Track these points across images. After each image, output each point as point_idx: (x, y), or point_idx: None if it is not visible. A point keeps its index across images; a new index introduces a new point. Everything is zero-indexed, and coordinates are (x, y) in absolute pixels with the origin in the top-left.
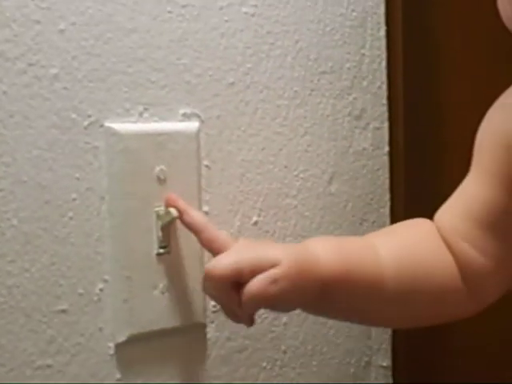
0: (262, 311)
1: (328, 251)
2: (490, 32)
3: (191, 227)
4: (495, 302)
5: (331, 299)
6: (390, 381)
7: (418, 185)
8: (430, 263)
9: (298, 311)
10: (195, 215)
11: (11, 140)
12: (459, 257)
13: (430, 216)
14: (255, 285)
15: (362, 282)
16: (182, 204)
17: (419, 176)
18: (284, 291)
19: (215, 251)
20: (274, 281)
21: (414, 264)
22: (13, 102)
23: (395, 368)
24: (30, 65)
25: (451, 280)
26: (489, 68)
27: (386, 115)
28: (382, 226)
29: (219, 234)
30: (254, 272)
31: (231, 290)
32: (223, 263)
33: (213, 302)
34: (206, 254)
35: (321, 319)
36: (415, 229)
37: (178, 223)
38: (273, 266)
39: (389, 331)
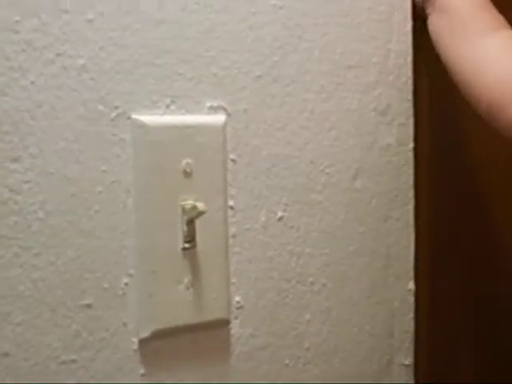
0: (285, 308)
1: None
2: None
3: None
4: None
5: None
6: (412, 379)
7: (442, 181)
8: None
9: (320, 308)
10: None
11: (38, 131)
12: None
13: (454, 213)
14: None
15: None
16: None
17: (443, 172)
18: None
19: None
20: None
21: None
22: (40, 92)
23: (417, 367)
24: (58, 55)
25: None
26: None
27: (411, 111)
28: (406, 222)
29: None
30: None
31: None
32: None
33: (237, 298)
34: (231, 249)
35: (344, 316)
36: None
37: (204, 218)
38: None
39: (411, 330)
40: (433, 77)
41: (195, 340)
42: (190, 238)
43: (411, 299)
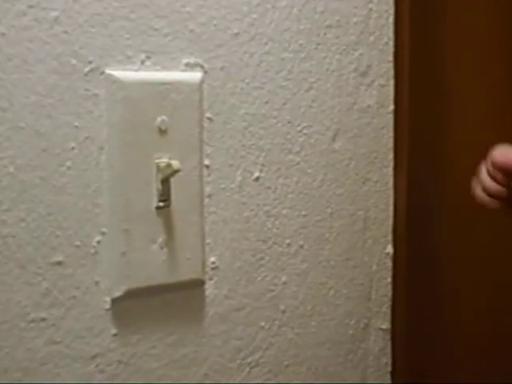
0: (261, 270)
1: None
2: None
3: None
4: None
5: None
6: (389, 344)
7: (421, 144)
8: None
9: (297, 270)
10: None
11: (9, 84)
12: None
13: (432, 176)
14: None
15: None
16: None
17: (423, 135)
18: None
19: None
20: None
21: None
22: (11, 45)
23: (394, 331)
24: (30, 7)
25: None
26: (501, 24)
27: (391, 72)
28: (385, 185)
29: None
30: None
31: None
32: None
33: (212, 259)
34: (206, 209)
35: (321, 279)
36: None
37: (179, 176)
38: None
39: (389, 294)
40: (414, 38)
41: (169, 300)
42: (165, 197)
43: (389, 263)
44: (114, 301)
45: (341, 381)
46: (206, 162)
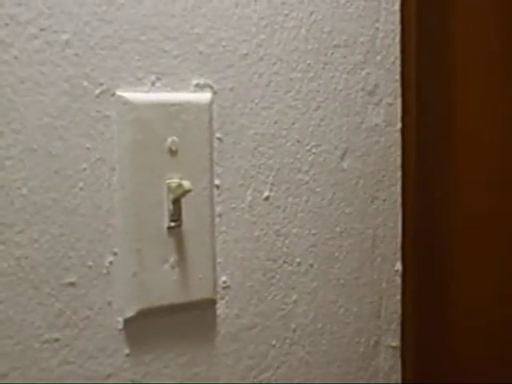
0: (272, 288)
1: None
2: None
3: None
4: None
5: None
6: (399, 361)
7: (429, 162)
8: None
9: (307, 289)
10: None
11: (21, 106)
12: None
13: (441, 194)
14: None
15: None
16: None
17: (431, 153)
18: None
19: None
20: None
21: None
22: (23, 68)
23: (404, 348)
24: (42, 30)
25: None
26: (505, 43)
27: (398, 91)
28: (393, 204)
29: None
30: None
31: None
32: None
33: (223, 278)
34: (217, 228)
35: (330, 298)
36: None
37: (190, 197)
38: None
39: (398, 311)
40: (421, 57)
41: (181, 320)
42: (176, 217)
43: (398, 280)
44: (127, 321)
45: None
46: (217, 181)
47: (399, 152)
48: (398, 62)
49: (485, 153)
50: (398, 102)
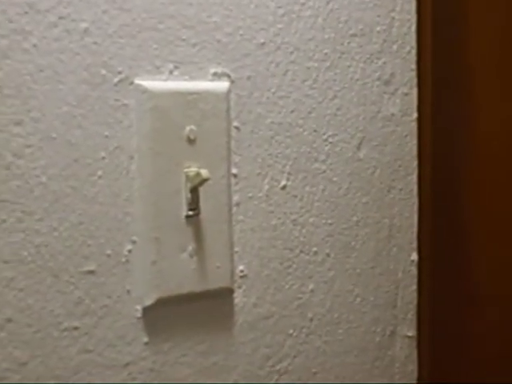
0: (288, 278)
1: None
2: None
3: None
4: None
5: None
6: (415, 351)
7: (445, 152)
8: None
9: (324, 278)
10: None
11: (41, 95)
12: None
13: (457, 184)
14: None
15: None
16: None
17: (447, 143)
18: None
19: None
20: None
21: None
22: (43, 56)
23: (420, 338)
24: (61, 18)
25: None
26: None
27: (414, 81)
28: (409, 193)
29: None
30: None
31: None
32: None
33: (241, 267)
34: (235, 217)
35: (347, 287)
36: None
37: (207, 185)
38: None
39: (414, 301)
40: (436, 46)
41: (199, 309)
42: (194, 206)
43: (414, 270)
44: (145, 309)
45: None
46: (234, 170)
47: (415, 141)
48: (414, 52)
49: (502, 141)
50: (414, 91)
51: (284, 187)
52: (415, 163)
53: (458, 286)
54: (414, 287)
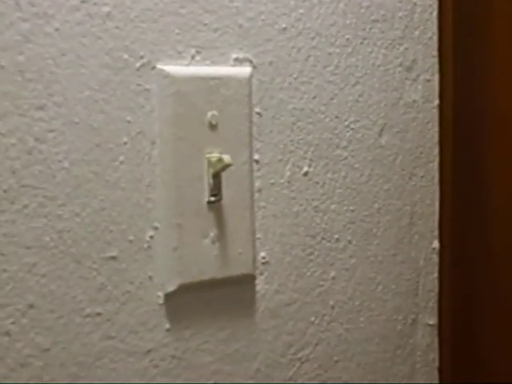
0: (310, 265)
1: None
2: None
3: None
4: None
5: None
6: (436, 340)
7: (466, 138)
8: None
9: (345, 265)
10: None
11: (63, 79)
12: None
13: (479, 171)
14: None
15: None
16: None
17: (468, 129)
18: None
19: None
20: None
21: None
22: (65, 40)
23: (441, 326)
24: (83, 2)
25: None
26: None
27: (436, 67)
28: (431, 180)
29: None
30: None
31: None
32: None
33: (262, 253)
34: (257, 204)
35: (369, 275)
36: None
37: (229, 171)
38: None
39: (436, 289)
40: (458, 32)
41: (221, 295)
42: (216, 192)
43: (436, 258)
44: (167, 296)
45: (389, 376)
46: (256, 156)
47: (437, 128)
48: (436, 38)
49: None
50: (436, 77)
51: (306, 174)
52: (436, 150)
53: (480, 274)
54: (436, 275)
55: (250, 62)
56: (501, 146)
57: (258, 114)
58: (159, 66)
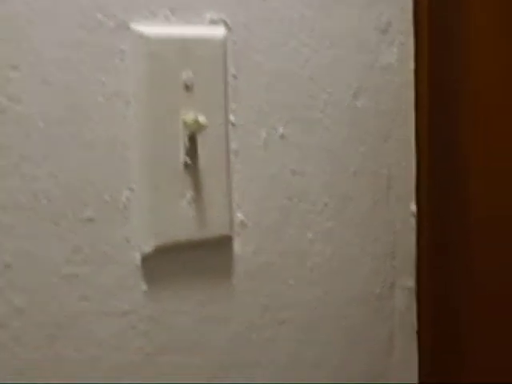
0: (287, 227)
1: None
2: None
3: None
4: None
5: None
6: (415, 302)
7: (442, 101)
8: None
9: (322, 228)
10: None
11: (36, 39)
12: None
13: (454, 133)
14: None
15: None
16: None
17: (444, 92)
18: None
19: None
20: None
21: None
22: None
23: (419, 289)
24: None
25: None
26: None
27: (411, 30)
28: (407, 143)
29: None
30: None
31: None
32: None
33: (239, 215)
34: (233, 166)
35: (346, 237)
36: None
37: (205, 133)
38: None
39: (413, 252)
40: None
41: (198, 257)
42: (192, 154)
43: (413, 221)
44: (144, 257)
45: (368, 339)
46: (232, 118)
47: (412, 91)
48: (411, 0)
49: (500, 90)
50: (411, 40)
51: (282, 136)
52: (412, 113)
53: (458, 237)
54: (413, 238)
55: (225, 22)
56: (476, 108)
57: (233, 75)
58: (133, 26)
